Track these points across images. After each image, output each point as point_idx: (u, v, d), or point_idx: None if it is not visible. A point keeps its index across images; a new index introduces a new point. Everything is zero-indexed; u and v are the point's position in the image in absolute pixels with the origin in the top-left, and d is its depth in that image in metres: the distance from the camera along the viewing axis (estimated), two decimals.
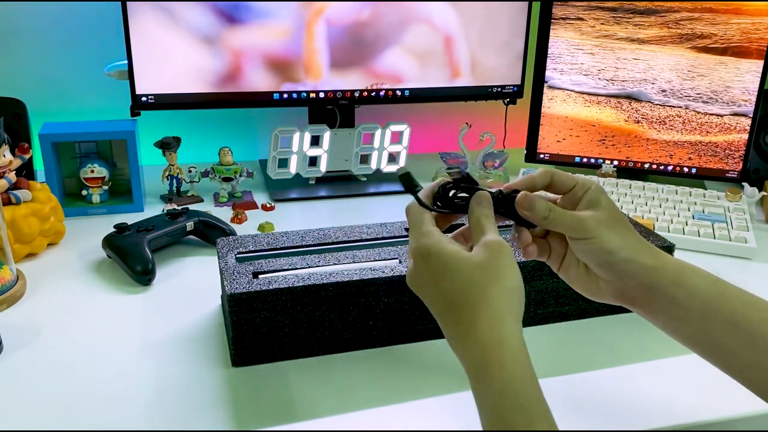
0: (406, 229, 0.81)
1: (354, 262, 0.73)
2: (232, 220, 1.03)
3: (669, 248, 0.77)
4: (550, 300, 0.76)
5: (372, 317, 0.70)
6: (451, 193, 0.57)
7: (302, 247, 0.76)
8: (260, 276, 0.69)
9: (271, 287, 0.66)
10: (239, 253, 0.75)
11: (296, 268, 0.71)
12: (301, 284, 0.67)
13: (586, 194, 0.56)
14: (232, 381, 0.66)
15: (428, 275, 0.53)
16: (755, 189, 1.09)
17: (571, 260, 0.59)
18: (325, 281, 0.67)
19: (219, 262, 0.73)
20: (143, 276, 0.83)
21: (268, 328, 0.67)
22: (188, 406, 0.62)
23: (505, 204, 0.57)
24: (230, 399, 0.63)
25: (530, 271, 0.73)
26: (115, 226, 0.90)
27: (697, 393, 0.66)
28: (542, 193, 0.58)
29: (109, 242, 0.89)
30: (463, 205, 0.56)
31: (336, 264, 0.72)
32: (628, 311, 0.79)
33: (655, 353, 0.72)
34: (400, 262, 0.73)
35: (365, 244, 0.78)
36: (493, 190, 0.57)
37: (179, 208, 0.97)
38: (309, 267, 0.71)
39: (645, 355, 0.72)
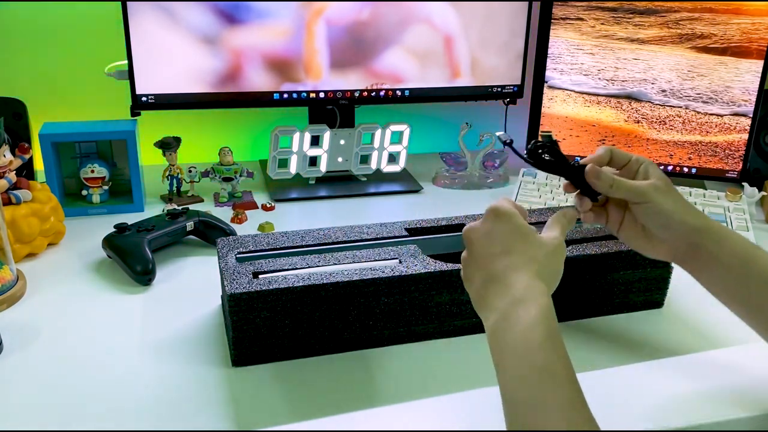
0: (406, 230, 0.81)
1: (354, 262, 0.73)
2: (232, 220, 1.03)
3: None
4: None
5: (372, 317, 0.70)
6: (539, 151, 0.67)
7: (303, 247, 0.76)
8: (260, 276, 0.69)
9: (271, 287, 0.66)
10: (239, 253, 0.75)
11: (296, 268, 0.71)
12: (301, 284, 0.67)
13: (640, 167, 0.67)
14: (232, 381, 0.66)
15: (498, 229, 0.60)
16: (755, 189, 1.09)
17: (628, 223, 0.67)
18: (324, 281, 0.67)
19: (219, 262, 0.73)
20: (143, 276, 0.83)
21: (268, 328, 0.67)
22: (188, 406, 0.62)
23: (576, 174, 0.67)
24: (230, 399, 0.63)
25: None
26: (115, 226, 0.90)
27: (696, 394, 0.66)
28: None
29: (109, 242, 0.89)
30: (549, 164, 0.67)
31: (336, 264, 0.72)
32: (627, 313, 0.79)
33: (654, 353, 0.72)
34: (400, 262, 0.73)
35: (365, 244, 0.78)
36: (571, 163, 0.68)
37: (179, 208, 0.97)
38: (309, 267, 0.71)
39: (644, 356, 0.72)
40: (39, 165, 1.11)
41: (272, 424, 0.60)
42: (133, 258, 0.85)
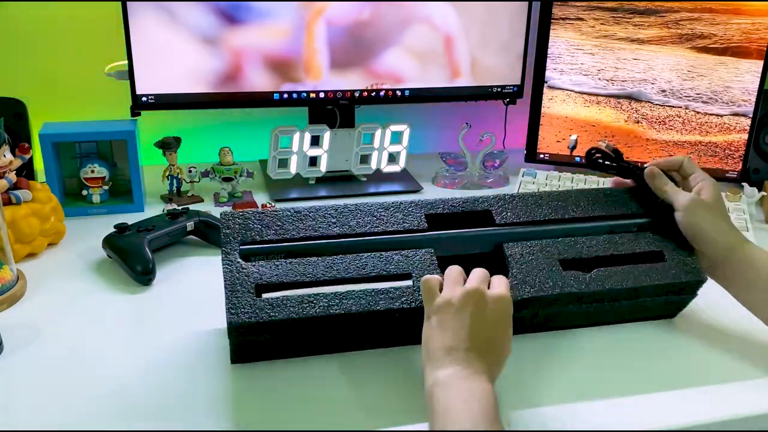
0: (426, 216, 0.75)
1: (363, 276, 0.68)
2: None
3: (700, 281, 0.73)
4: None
5: (376, 335, 0.69)
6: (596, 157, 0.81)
7: (309, 239, 0.71)
8: (264, 295, 0.66)
9: (274, 316, 0.63)
10: (244, 244, 0.69)
11: (302, 283, 0.67)
12: (304, 314, 0.64)
13: (698, 184, 0.74)
14: (230, 379, 0.66)
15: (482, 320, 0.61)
16: (755, 189, 1.09)
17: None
18: (331, 312, 0.64)
19: (222, 256, 0.69)
20: (143, 276, 0.83)
21: (269, 346, 0.67)
22: (188, 404, 0.62)
23: (638, 176, 0.79)
24: (228, 396, 0.63)
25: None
26: (115, 226, 0.90)
27: (695, 397, 0.66)
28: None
29: (109, 242, 0.89)
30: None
31: (344, 276, 0.67)
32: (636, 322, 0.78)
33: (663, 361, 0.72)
34: (412, 282, 0.68)
35: (377, 240, 0.72)
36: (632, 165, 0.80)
37: (179, 208, 0.97)
38: (315, 282, 0.67)
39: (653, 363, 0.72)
40: (39, 165, 1.11)
41: (268, 423, 0.60)
42: (133, 258, 0.85)
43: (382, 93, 1.19)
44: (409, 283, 0.68)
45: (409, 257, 0.70)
